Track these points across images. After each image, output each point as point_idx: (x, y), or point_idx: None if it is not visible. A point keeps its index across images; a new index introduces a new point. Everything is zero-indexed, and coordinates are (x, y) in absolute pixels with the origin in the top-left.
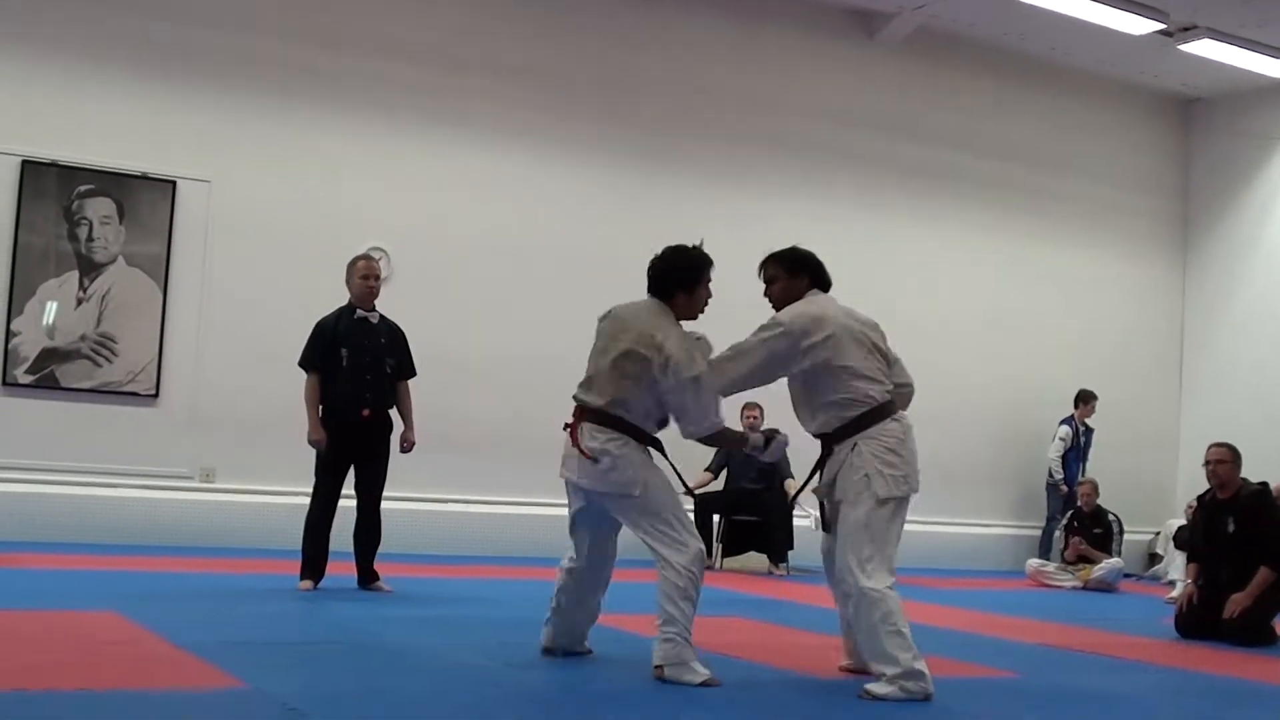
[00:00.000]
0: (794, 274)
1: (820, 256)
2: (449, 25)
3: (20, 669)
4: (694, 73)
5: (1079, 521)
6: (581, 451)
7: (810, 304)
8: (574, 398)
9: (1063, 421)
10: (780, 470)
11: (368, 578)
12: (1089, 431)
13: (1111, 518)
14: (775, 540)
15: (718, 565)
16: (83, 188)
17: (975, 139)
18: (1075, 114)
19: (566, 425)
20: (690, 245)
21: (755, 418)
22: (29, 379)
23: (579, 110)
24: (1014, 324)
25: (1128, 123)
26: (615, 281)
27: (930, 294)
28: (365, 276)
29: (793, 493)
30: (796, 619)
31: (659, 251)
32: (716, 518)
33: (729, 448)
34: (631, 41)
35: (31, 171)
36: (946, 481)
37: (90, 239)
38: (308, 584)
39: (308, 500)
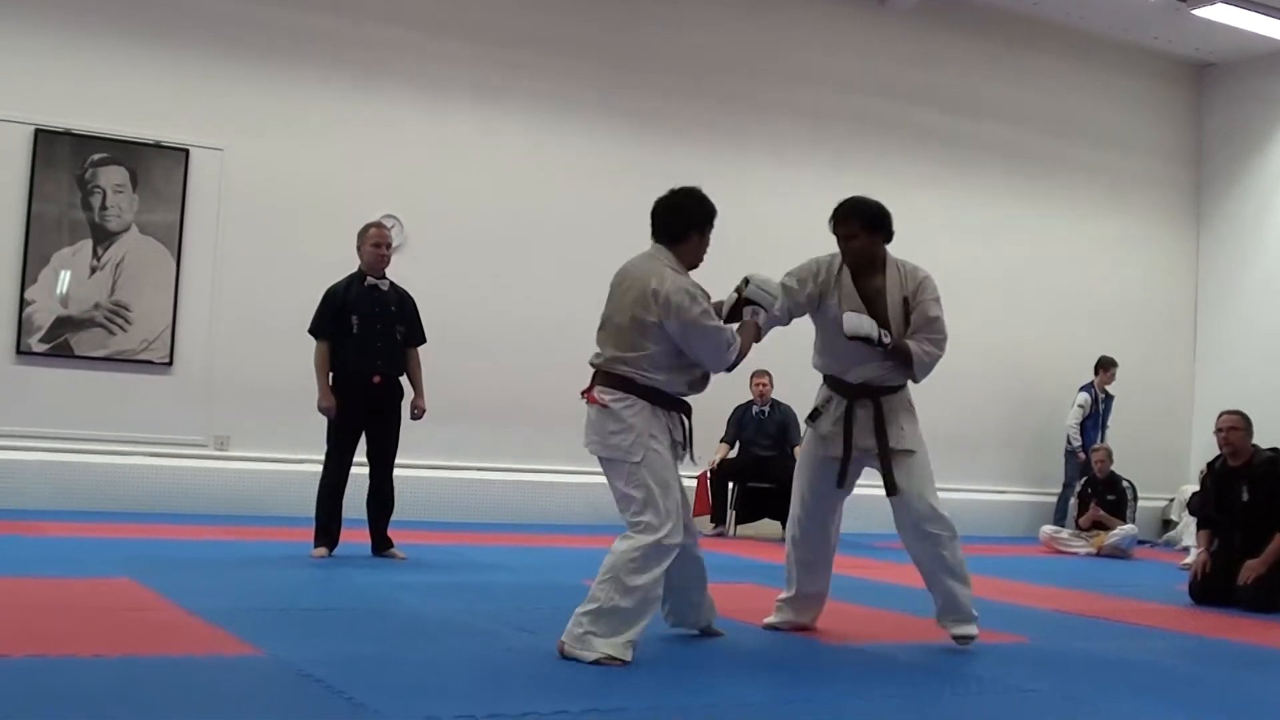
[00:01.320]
0: (875, 231)
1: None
2: None
3: (37, 635)
4: (703, 41)
5: (1093, 488)
6: (599, 404)
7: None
8: (589, 362)
9: (1082, 388)
10: (790, 437)
11: (381, 544)
12: (1109, 399)
13: (1126, 484)
14: (788, 507)
15: (731, 533)
16: (96, 156)
17: (988, 105)
18: (1088, 80)
19: (583, 392)
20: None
21: (765, 384)
22: (43, 348)
23: (588, 78)
24: (1027, 291)
25: (1141, 89)
26: (627, 248)
27: (943, 261)
28: (376, 244)
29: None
30: None
31: (665, 194)
32: (731, 485)
33: (752, 341)
34: (640, 9)
35: (44, 140)
36: (960, 447)
37: (104, 207)
38: (322, 551)
39: (321, 468)
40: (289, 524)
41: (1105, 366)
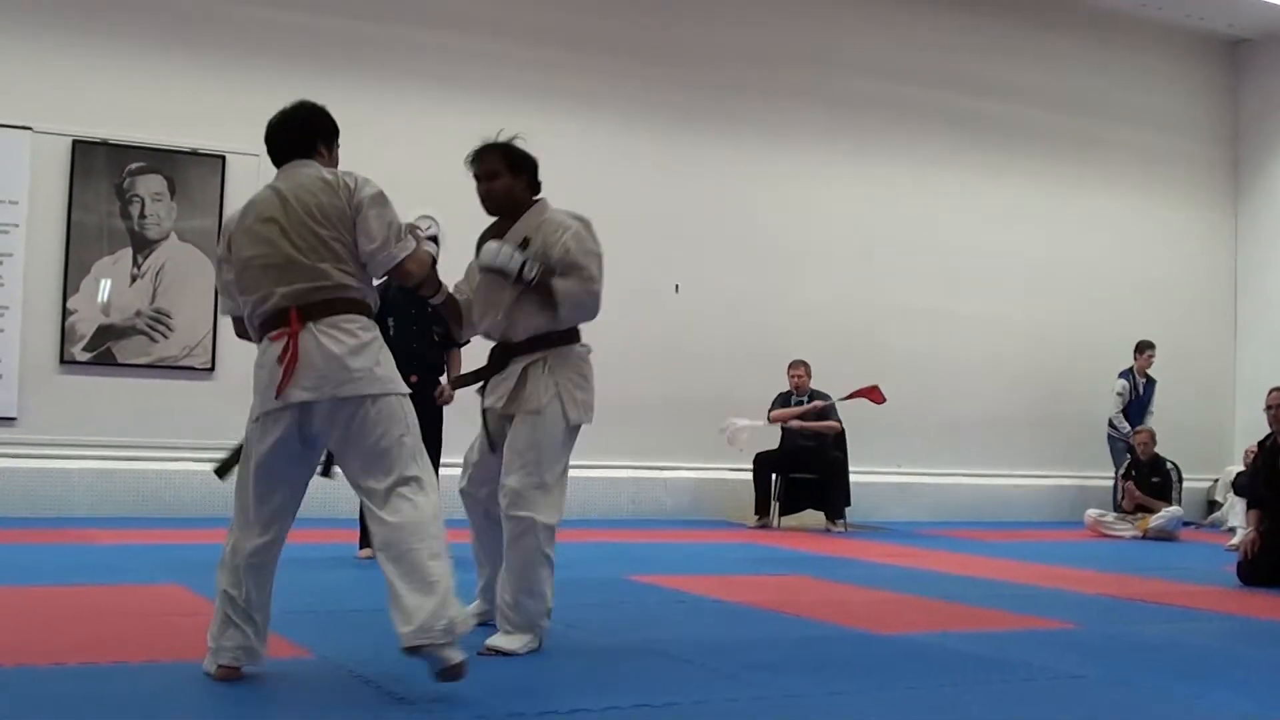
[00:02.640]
0: (518, 172)
1: (870, 210)
2: None
3: (87, 642)
4: (727, 33)
5: (1137, 470)
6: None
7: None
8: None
9: (1121, 374)
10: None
11: None
12: (1150, 382)
13: (1170, 466)
14: (832, 497)
15: (776, 524)
16: (133, 165)
17: (1020, 87)
18: (1121, 59)
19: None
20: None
21: (801, 375)
22: (86, 356)
23: (626, 74)
24: (1065, 273)
25: (1175, 67)
26: (665, 243)
27: (981, 243)
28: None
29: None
30: (857, 576)
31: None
32: (774, 475)
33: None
34: (670, 4)
35: (82, 151)
36: (1001, 431)
37: (142, 216)
38: (367, 552)
39: None
40: (333, 526)
41: (1143, 349)
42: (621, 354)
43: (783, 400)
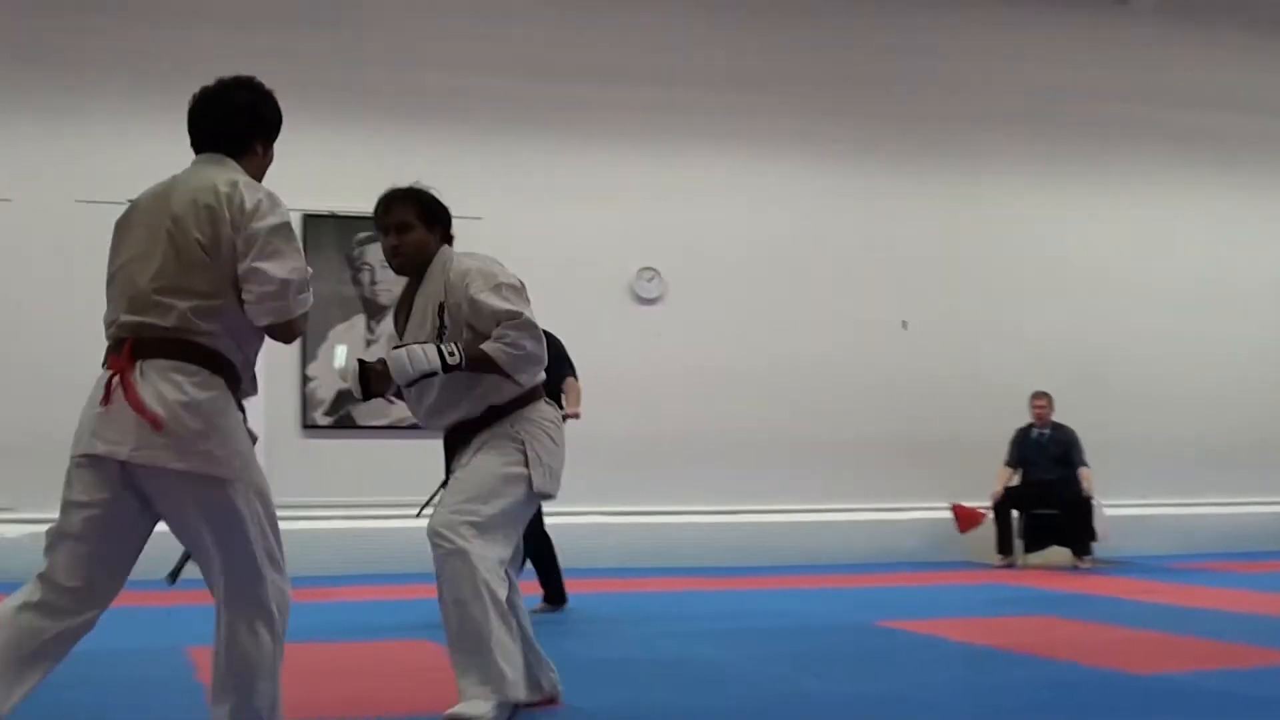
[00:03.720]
0: (432, 223)
1: (1095, 234)
2: (688, 41)
3: (345, 696)
4: (940, 63)
5: None
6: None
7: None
8: None
9: None
10: (1073, 459)
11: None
12: None
13: None
14: (1077, 532)
15: (1020, 562)
16: (362, 235)
17: (1241, 96)
18: None
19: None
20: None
21: (1044, 406)
22: (327, 420)
23: (843, 110)
24: None
25: None
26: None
27: (1211, 263)
28: None
29: (1087, 482)
30: (1108, 613)
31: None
32: (1015, 513)
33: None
34: (875, 38)
35: (312, 224)
36: (1250, 458)
37: (373, 283)
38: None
39: None
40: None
41: None
42: (856, 394)
43: (1023, 434)
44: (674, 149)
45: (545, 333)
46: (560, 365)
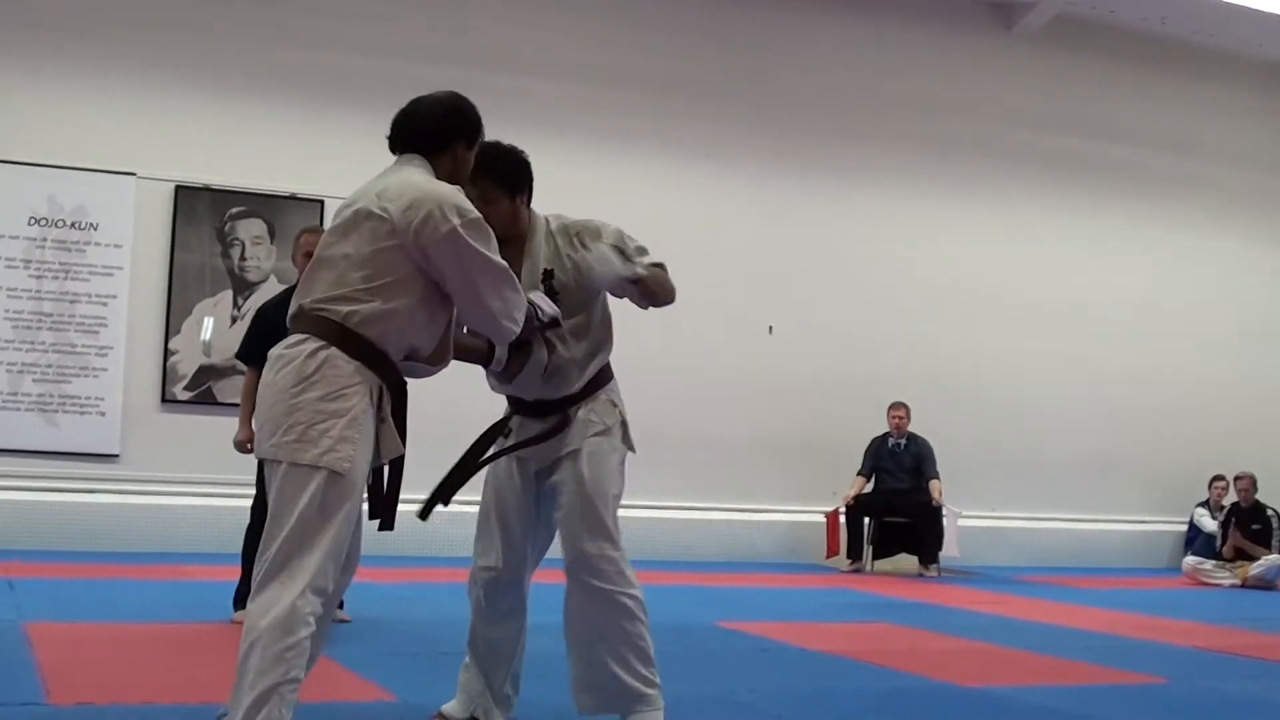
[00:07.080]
0: (517, 192)
1: (966, 250)
2: (601, 42)
3: (181, 683)
4: (828, 75)
5: (1237, 517)
6: None
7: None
8: None
9: (1198, 505)
10: (926, 470)
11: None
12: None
13: (1271, 513)
14: (926, 541)
15: (868, 568)
16: (234, 210)
17: (1117, 127)
18: (1219, 98)
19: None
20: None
21: (902, 417)
22: (187, 395)
23: (720, 118)
24: (1168, 314)
25: (1276, 105)
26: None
27: (1077, 286)
28: (309, 254)
29: (937, 494)
30: (947, 624)
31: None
32: (867, 520)
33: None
34: (765, 47)
35: (185, 196)
36: (1101, 476)
37: (243, 259)
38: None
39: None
40: (433, 564)
41: (1216, 481)
42: (720, 394)
43: (879, 442)
44: (564, 142)
45: None
46: None
